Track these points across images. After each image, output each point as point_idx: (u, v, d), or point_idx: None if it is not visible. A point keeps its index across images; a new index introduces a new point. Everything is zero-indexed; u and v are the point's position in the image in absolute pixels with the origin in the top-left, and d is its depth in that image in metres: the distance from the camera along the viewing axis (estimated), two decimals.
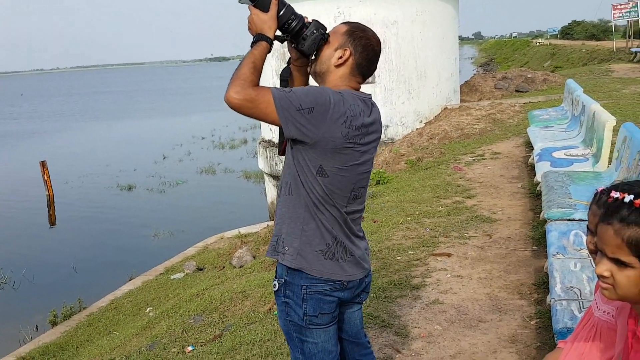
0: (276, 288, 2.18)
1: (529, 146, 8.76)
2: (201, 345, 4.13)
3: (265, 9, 2.01)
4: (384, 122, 12.82)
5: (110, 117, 41.88)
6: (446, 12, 14.12)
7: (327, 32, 2.13)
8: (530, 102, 13.03)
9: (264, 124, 14.57)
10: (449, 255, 4.88)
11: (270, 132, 13.88)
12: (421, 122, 13.25)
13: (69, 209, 16.70)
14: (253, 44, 2.01)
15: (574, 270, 3.03)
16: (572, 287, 2.82)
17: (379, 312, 3.97)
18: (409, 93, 13.25)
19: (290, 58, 2.22)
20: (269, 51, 2.04)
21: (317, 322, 2.16)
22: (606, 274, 1.43)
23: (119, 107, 51.07)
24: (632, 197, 1.40)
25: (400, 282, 4.40)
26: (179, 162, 22.33)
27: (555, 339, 2.47)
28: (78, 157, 24.54)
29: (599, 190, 1.69)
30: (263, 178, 16.22)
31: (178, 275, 8.80)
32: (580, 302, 2.65)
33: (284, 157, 2.17)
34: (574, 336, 1.94)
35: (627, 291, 1.40)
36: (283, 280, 2.15)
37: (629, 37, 25.70)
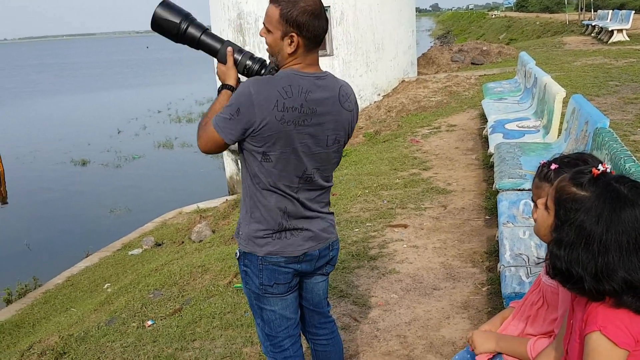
0: (237, 256, 2.25)
1: (484, 118, 8.93)
2: (161, 320, 4.14)
3: (223, 60, 2.22)
4: None
5: (60, 90, 40.56)
6: None
7: None
8: (485, 75, 13.24)
9: None
10: (405, 226, 4.99)
11: None
12: (379, 95, 13.33)
13: (21, 185, 16.23)
14: (218, 92, 2.20)
15: (522, 237, 3.16)
16: (520, 254, 2.95)
17: (337, 283, 4.05)
18: (367, 66, 13.28)
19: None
20: (225, 87, 2.20)
21: (272, 291, 2.22)
22: (535, 216, 1.70)
23: (68, 80, 49.48)
24: (600, 169, 1.48)
25: (358, 254, 4.49)
26: (135, 137, 21.88)
27: (504, 303, 2.59)
28: (28, 132, 23.78)
29: (541, 163, 1.78)
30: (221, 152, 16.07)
31: (136, 251, 8.72)
32: (528, 268, 2.78)
33: None
34: (523, 300, 2.04)
35: (541, 230, 1.64)
36: (242, 251, 2.21)
37: (581, 10, 26.26)
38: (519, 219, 3.45)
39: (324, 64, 12.62)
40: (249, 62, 2.22)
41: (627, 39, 16.23)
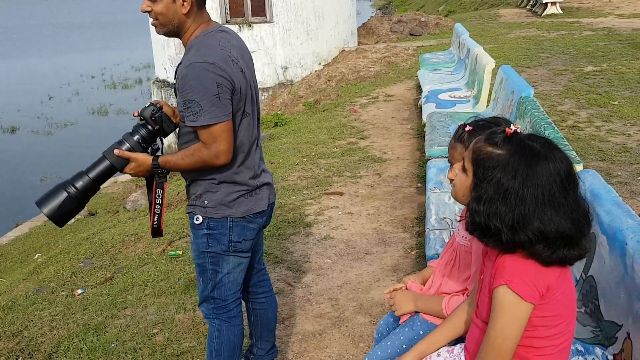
0: (199, 221, 2.22)
1: (420, 89, 9.08)
2: (91, 288, 4.08)
3: (123, 163, 2.15)
4: (282, 63, 12.77)
5: None
6: None
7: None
8: (422, 46, 13.40)
9: (156, 61, 14.01)
10: (341, 194, 5.07)
11: (165, 72, 13.39)
12: (319, 64, 13.29)
13: None
14: (160, 174, 2.19)
15: (447, 203, 3.28)
16: (444, 217, 3.07)
17: (273, 249, 4.09)
18: (308, 34, 13.18)
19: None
20: (158, 166, 2.16)
21: (240, 247, 2.27)
22: (452, 177, 1.76)
23: None
24: (514, 128, 1.56)
25: (293, 221, 4.54)
26: (67, 103, 21.00)
27: (427, 264, 2.70)
28: None
29: (459, 125, 1.86)
30: None
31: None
32: (451, 231, 2.90)
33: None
34: (440, 258, 2.14)
35: (460, 193, 1.70)
36: (207, 216, 2.20)
37: None
38: (446, 185, 3.57)
39: (265, 31, 12.44)
40: (142, 131, 2.17)
41: (561, 11, 16.72)
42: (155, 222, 2.26)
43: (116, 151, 2.13)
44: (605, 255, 1.94)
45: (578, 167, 2.58)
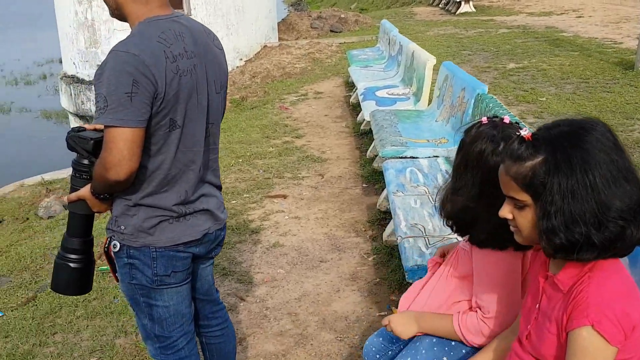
0: (117, 249, 1.86)
1: (348, 86, 8.98)
2: (12, 311, 3.58)
3: (86, 208, 1.88)
4: None
5: None
6: None
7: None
8: (345, 42, 13.34)
9: (64, 56, 13.07)
10: (284, 196, 4.80)
11: (74, 67, 12.50)
12: (241, 60, 12.90)
13: None
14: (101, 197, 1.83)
15: (415, 207, 3.11)
16: (415, 224, 2.89)
17: (219, 260, 3.77)
18: (228, 29, 12.75)
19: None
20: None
21: (169, 281, 1.91)
22: (508, 215, 1.38)
23: None
24: (525, 132, 1.35)
25: (238, 227, 4.23)
26: None
27: (407, 276, 2.50)
28: None
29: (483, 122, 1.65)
30: (67, 118, 14.69)
31: None
32: (426, 239, 2.72)
33: (91, 94, 1.82)
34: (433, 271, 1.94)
35: (528, 233, 1.36)
36: (125, 244, 1.85)
37: None
38: (408, 187, 3.41)
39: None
40: (74, 164, 1.87)
41: (474, 10, 17.23)
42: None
43: (65, 198, 1.82)
44: None
45: None
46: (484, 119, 1.71)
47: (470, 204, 1.64)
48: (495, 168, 1.45)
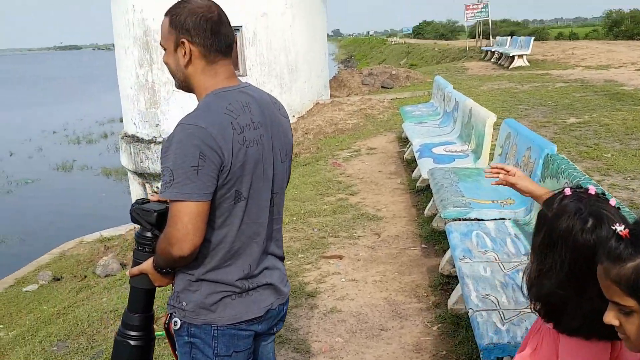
0: (177, 326, 1.78)
1: (401, 141, 8.90)
2: None
3: (148, 283, 1.84)
4: None
5: None
6: (314, 5, 14.06)
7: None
8: (397, 98, 13.36)
9: (125, 116, 13.55)
10: (340, 257, 4.67)
11: (134, 127, 12.94)
12: (294, 117, 13.07)
13: None
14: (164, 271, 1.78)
15: (484, 275, 2.91)
16: (487, 294, 2.69)
17: None
18: (281, 87, 13.01)
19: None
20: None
21: None
22: (614, 322, 1.21)
23: None
24: (621, 227, 1.20)
25: (294, 290, 4.11)
26: (29, 159, 20.25)
27: (481, 355, 2.30)
28: None
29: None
30: (126, 175, 15.13)
31: (31, 287, 7.84)
32: (501, 312, 2.51)
33: (149, 152, 1.79)
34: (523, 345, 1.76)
35: (635, 338, 1.18)
36: (186, 322, 1.76)
37: (479, 37, 27.57)
38: (475, 253, 3.22)
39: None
40: (137, 237, 1.84)
41: (528, 64, 17.08)
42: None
43: (127, 272, 1.82)
44: None
45: None
46: (567, 191, 1.56)
47: (559, 289, 1.47)
48: (585, 247, 1.31)
